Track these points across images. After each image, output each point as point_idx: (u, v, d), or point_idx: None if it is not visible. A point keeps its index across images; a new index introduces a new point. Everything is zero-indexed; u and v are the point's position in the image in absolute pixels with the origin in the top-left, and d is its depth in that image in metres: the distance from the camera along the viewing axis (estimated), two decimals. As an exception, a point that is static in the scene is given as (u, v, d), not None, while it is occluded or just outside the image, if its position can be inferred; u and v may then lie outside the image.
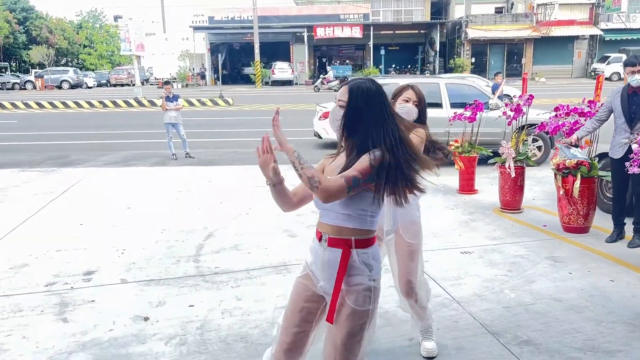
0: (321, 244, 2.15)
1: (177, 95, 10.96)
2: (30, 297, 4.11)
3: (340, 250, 2.10)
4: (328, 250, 2.13)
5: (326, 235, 2.13)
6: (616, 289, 4.09)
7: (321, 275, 2.17)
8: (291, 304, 2.25)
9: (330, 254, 2.12)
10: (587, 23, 38.27)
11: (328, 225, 2.13)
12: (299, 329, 2.21)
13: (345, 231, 2.10)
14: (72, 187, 8.08)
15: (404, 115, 3.01)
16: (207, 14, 39.62)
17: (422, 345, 3.23)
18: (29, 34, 51.38)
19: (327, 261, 2.13)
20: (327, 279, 2.14)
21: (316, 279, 2.19)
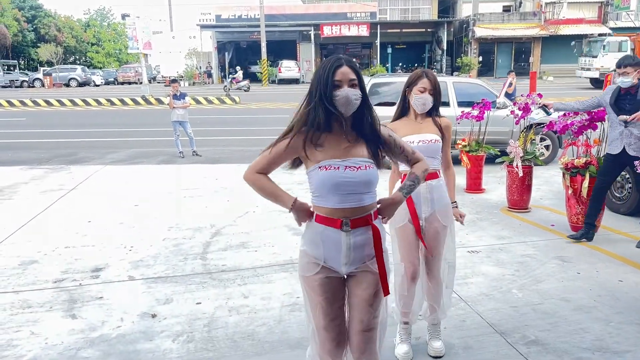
0: (343, 229, 2.14)
1: (184, 94, 10.99)
2: (39, 294, 4.14)
3: (366, 228, 2.17)
4: (351, 234, 2.15)
5: (347, 220, 2.14)
6: (625, 289, 4.06)
7: (343, 261, 2.18)
8: (323, 303, 2.21)
9: (354, 236, 2.16)
10: (595, 22, 37.99)
11: (349, 209, 2.14)
12: (340, 320, 2.25)
13: (366, 209, 2.17)
14: (80, 184, 8.13)
15: (420, 106, 3.05)
16: (214, 12, 39.68)
17: (429, 344, 3.23)
18: (37, 32, 51.68)
19: (352, 244, 2.16)
20: (351, 262, 2.19)
21: (337, 267, 2.20)
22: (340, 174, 2.10)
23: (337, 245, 2.16)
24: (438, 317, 3.25)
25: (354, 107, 2.11)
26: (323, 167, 2.12)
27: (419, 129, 3.07)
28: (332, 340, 2.24)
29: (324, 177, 2.11)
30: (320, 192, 2.16)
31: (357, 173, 2.11)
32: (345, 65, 2.11)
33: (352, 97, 2.09)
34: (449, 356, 3.16)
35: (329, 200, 2.15)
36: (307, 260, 2.23)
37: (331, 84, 2.09)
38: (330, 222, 2.16)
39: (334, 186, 2.11)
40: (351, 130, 2.17)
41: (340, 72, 2.10)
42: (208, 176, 8.67)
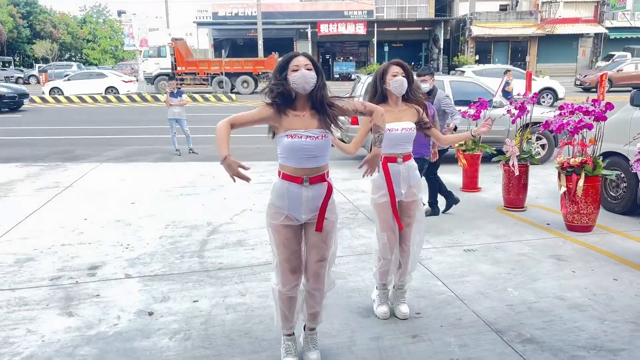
0: (303, 185, 2.74)
1: (181, 91, 10.98)
2: (35, 291, 4.13)
3: (321, 184, 2.77)
4: (310, 188, 2.75)
5: (307, 177, 2.73)
6: (620, 287, 4.09)
7: (303, 210, 2.79)
8: (285, 242, 2.83)
9: (312, 190, 2.76)
10: (591, 21, 38.10)
11: (308, 169, 2.73)
12: (297, 255, 2.88)
13: (321, 169, 2.77)
14: (76, 181, 8.11)
15: (397, 89, 3.45)
16: (211, 10, 39.54)
17: (397, 309, 3.65)
18: (33, 28, 51.41)
19: (311, 197, 2.77)
20: (309, 211, 2.80)
21: (297, 216, 2.80)
22: (302, 141, 2.68)
23: (298, 197, 2.76)
24: (405, 281, 3.68)
25: (311, 85, 2.68)
26: (290, 135, 2.69)
27: (400, 117, 3.50)
28: (292, 269, 2.87)
29: (291, 143, 2.69)
30: (286, 154, 2.74)
31: (315, 141, 2.70)
32: (301, 55, 2.73)
33: (308, 77, 2.66)
34: (445, 354, 3.18)
35: (292, 161, 2.73)
36: (274, 210, 2.83)
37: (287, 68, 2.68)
38: (293, 179, 2.75)
39: (297, 151, 2.69)
40: (309, 106, 2.74)
41: (297, 59, 2.69)
42: (205, 174, 8.66)
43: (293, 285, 2.89)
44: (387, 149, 3.45)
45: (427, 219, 5.89)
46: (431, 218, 6.02)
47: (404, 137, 3.47)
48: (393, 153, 3.48)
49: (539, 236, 5.39)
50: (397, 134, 3.44)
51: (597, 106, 5.43)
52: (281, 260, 2.87)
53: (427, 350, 3.23)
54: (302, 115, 2.73)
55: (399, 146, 3.48)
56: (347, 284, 4.21)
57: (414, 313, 3.71)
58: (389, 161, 3.48)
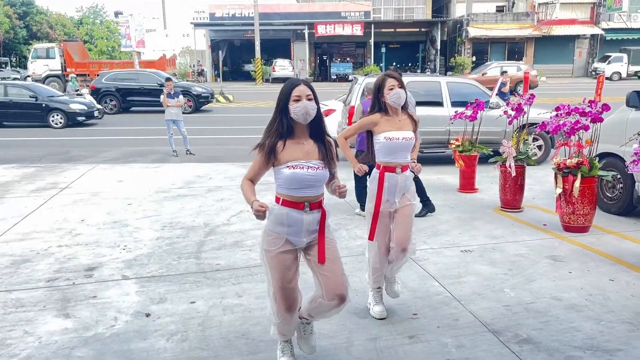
0: (304, 210, 2.75)
1: (178, 92, 10.96)
2: (32, 293, 4.12)
3: (319, 210, 2.80)
4: (310, 213, 2.77)
5: (307, 204, 2.75)
6: (615, 288, 4.11)
7: (304, 234, 2.79)
8: (281, 271, 2.77)
9: (312, 215, 2.78)
10: (588, 22, 38.21)
11: (310, 196, 2.75)
12: (293, 284, 2.82)
13: (319, 196, 2.81)
14: (72, 183, 8.10)
15: (397, 101, 3.51)
16: (208, 11, 39.54)
17: (389, 288, 3.73)
18: (30, 29, 51.25)
19: (311, 221, 2.78)
20: (308, 234, 2.80)
21: (297, 241, 2.79)
22: (304, 172, 2.70)
23: (299, 223, 2.76)
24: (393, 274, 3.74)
25: (311, 116, 2.70)
26: (291, 167, 2.70)
27: (400, 126, 3.56)
28: (287, 298, 2.81)
29: (292, 174, 2.69)
30: (286, 184, 2.73)
31: (316, 172, 2.73)
32: (303, 85, 2.72)
33: (309, 109, 2.68)
34: (442, 354, 3.18)
35: (291, 191, 2.73)
36: (273, 237, 2.79)
37: (290, 97, 2.68)
38: (294, 205, 2.75)
39: (300, 181, 2.70)
40: (308, 137, 2.77)
41: (299, 89, 2.69)
42: (202, 175, 8.66)
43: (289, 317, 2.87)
44: (387, 157, 3.51)
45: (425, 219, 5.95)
46: (427, 218, 6.04)
47: (403, 146, 3.52)
48: (392, 162, 3.52)
49: (536, 237, 5.41)
50: (397, 142, 3.49)
51: (593, 107, 5.45)
52: (277, 289, 2.81)
53: (423, 351, 3.24)
54: (302, 144, 2.75)
55: (399, 155, 3.52)
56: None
57: (411, 314, 3.72)
58: (387, 171, 3.52)
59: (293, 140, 2.74)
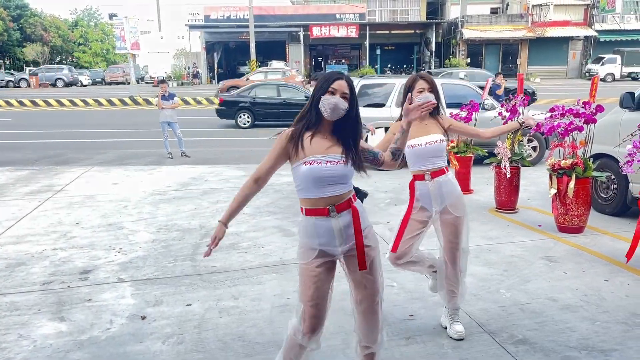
0: (331, 215, 2.44)
1: (173, 94, 10.96)
2: (27, 296, 4.10)
3: (348, 210, 2.47)
4: (339, 216, 2.46)
5: (333, 207, 2.44)
6: (610, 288, 4.12)
7: (337, 242, 2.48)
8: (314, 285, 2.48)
9: (342, 219, 2.46)
10: (581, 24, 38.45)
11: (332, 197, 2.44)
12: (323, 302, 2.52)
13: (346, 195, 2.48)
14: (67, 185, 8.07)
15: None
16: (203, 13, 39.51)
17: (451, 328, 3.40)
18: (23, 31, 51.07)
19: (342, 226, 2.47)
20: (344, 241, 2.49)
21: (333, 250, 2.49)
22: (322, 167, 2.40)
23: (329, 230, 2.46)
24: (457, 303, 3.44)
25: (339, 115, 2.42)
26: (308, 162, 2.41)
27: (425, 131, 3.31)
28: (316, 317, 2.51)
29: (308, 170, 2.40)
30: (305, 184, 2.44)
31: (336, 166, 2.42)
32: (344, 80, 2.45)
33: (340, 106, 2.40)
34: (438, 355, 3.19)
35: (311, 192, 2.44)
36: (305, 249, 2.51)
37: (326, 88, 2.42)
38: (317, 212, 2.45)
39: (318, 179, 2.40)
40: (332, 134, 2.48)
41: (338, 83, 2.43)
42: (197, 177, 8.65)
43: (313, 337, 2.53)
44: (415, 166, 3.32)
45: None
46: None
47: (429, 151, 3.27)
48: (420, 170, 3.32)
49: (531, 238, 5.42)
50: (421, 149, 3.27)
51: (587, 108, 5.48)
52: (307, 304, 2.50)
53: (420, 352, 3.24)
54: (325, 139, 2.48)
55: (427, 162, 3.29)
56: (340, 286, 4.21)
57: (407, 315, 3.72)
58: (417, 179, 3.33)
59: (319, 134, 2.47)
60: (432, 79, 3.32)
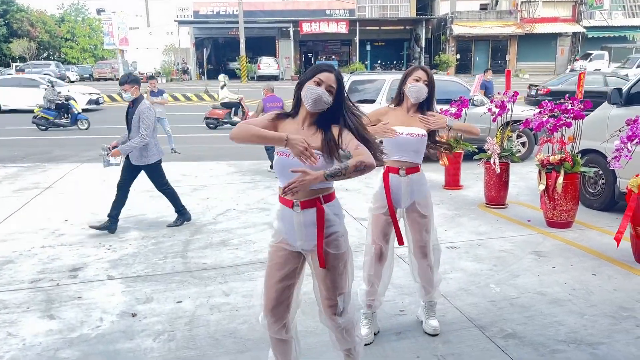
0: (294, 209, 2.39)
1: (162, 90, 10.90)
2: (15, 294, 4.07)
3: (314, 209, 2.39)
4: (302, 213, 2.39)
5: (297, 201, 2.38)
6: (598, 282, 4.17)
7: (297, 237, 2.44)
8: (272, 266, 2.51)
9: (304, 216, 2.40)
10: (570, 20, 38.70)
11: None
12: (282, 285, 2.49)
13: (314, 192, 2.38)
14: (55, 183, 8.00)
15: (414, 94, 3.19)
16: (192, 8, 39.27)
17: (426, 322, 3.42)
18: (10, 26, 50.41)
19: (302, 223, 2.41)
20: (304, 238, 2.44)
21: (292, 242, 2.47)
22: (289, 160, 2.31)
23: (290, 222, 2.43)
24: (433, 297, 3.45)
25: (320, 107, 2.36)
26: (278, 153, 2.37)
27: (409, 122, 3.23)
28: (272, 299, 2.49)
29: (277, 161, 2.38)
30: (276, 172, 2.43)
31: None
32: (333, 74, 2.37)
33: (323, 98, 2.33)
34: (429, 350, 3.21)
35: (281, 180, 2.41)
36: (274, 230, 2.54)
37: (311, 77, 2.36)
38: (285, 202, 2.43)
39: (283, 169, 2.35)
40: (314, 126, 2.40)
41: (326, 75, 2.36)
42: (187, 174, 8.60)
43: (272, 322, 2.51)
44: (391, 155, 3.15)
45: None
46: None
47: (408, 143, 3.16)
48: (396, 161, 3.20)
49: (520, 233, 5.47)
50: (400, 138, 3.15)
51: (575, 105, 5.52)
52: (265, 287, 2.53)
53: (410, 347, 3.26)
54: (302, 129, 2.40)
55: (404, 154, 3.19)
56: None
57: (398, 310, 3.74)
58: (391, 171, 3.22)
59: (298, 123, 2.43)
60: (432, 75, 3.25)
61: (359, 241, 4.91)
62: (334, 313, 2.52)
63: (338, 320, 2.53)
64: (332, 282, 2.47)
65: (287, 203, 2.41)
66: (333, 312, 2.52)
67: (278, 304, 2.49)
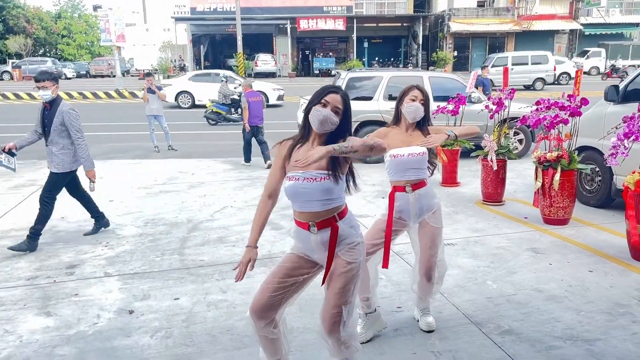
0: (311, 231, 2.45)
1: (159, 87, 10.87)
2: (12, 291, 4.06)
3: (329, 228, 2.43)
4: (319, 234, 2.45)
5: (313, 223, 2.44)
6: (595, 279, 4.18)
7: (316, 254, 2.50)
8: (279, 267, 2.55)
9: (322, 236, 2.45)
10: (567, 17, 38.72)
11: (311, 213, 2.44)
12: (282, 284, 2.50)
13: (328, 212, 2.44)
14: (52, 179, 7.96)
15: (411, 114, 3.26)
16: (189, 5, 39.15)
17: (422, 320, 3.44)
18: (6, 23, 50.20)
19: (320, 242, 2.46)
20: (322, 255, 2.49)
21: (311, 255, 2.52)
22: (299, 184, 2.39)
23: (308, 242, 2.49)
24: (427, 305, 3.49)
25: (327, 128, 2.41)
26: (288, 178, 2.45)
27: (409, 141, 3.27)
28: (263, 297, 2.50)
29: (288, 186, 2.43)
30: (288, 197, 2.47)
31: (312, 184, 2.38)
32: (339, 94, 2.43)
33: (329, 119, 2.39)
34: (426, 346, 3.22)
35: (294, 205, 2.48)
36: (294, 245, 2.60)
37: (318, 100, 2.41)
38: (300, 224, 2.49)
39: (294, 195, 2.43)
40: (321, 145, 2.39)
41: (331, 96, 2.42)
42: (184, 171, 8.60)
43: (257, 319, 2.52)
44: (395, 176, 3.26)
45: None
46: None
47: (410, 163, 3.22)
48: (400, 181, 3.25)
49: (517, 230, 5.48)
50: (403, 159, 3.20)
51: (572, 101, 5.53)
52: (264, 283, 2.55)
53: (407, 343, 3.27)
54: (311, 148, 2.41)
55: (408, 173, 3.23)
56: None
57: (395, 307, 3.74)
58: (397, 190, 3.26)
59: (307, 147, 2.46)
60: (427, 93, 3.34)
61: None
62: (337, 323, 2.47)
63: (340, 333, 2.48)
64: (340, 290, 2.45)
65: (304, 226, 2.47)
66: (337, 322, 2.47)
67: (266, 303, 2.50)
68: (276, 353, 2.63)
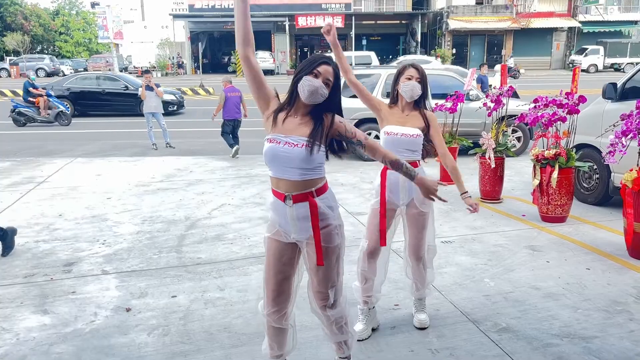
0: (286, 203, 2.38)
1: (157, 84, 10.85)
2: (9, 289, 4.05)
3: (306, 202, 2.37)
4: (294, 207, 2.38)
5: (289, 195, 2.37)
6: (592, 277, 4.19)
7: (291, 230, 2.44)
8: (270, 258, 2.52)
9: (297, 210, 2.38)
10: (565, 15, 38.73)
11: (288, 182, 2.36)
12: (281, 276, 2.50)
13: (306, 185, 2.36)
14: (50, 177, 7.96)
15: (408, 92, 3.18)
16: (187, 2, 39.06)
17: (415, 316, 3.44)
18: (3, 20, 50.05)
19: (295, 216, 2.40)
20: (298, 231, 2.43)
21: (287, 233, 2.46)
22: (279, 147, 2.32)
23: (284, 214, 2.42)
24: (423, 294, 3.47)
25: (316, 100, 2.34)
26: (268, 140, 2.36)
27: (404, 121, 3.21)
28: (272, 291, 2.51)
29: (267, 149, 2.35)
30: (266, 161, 2.39)
31: (293, 149, 2.30)
32: (331, 66, 2.36)
33: (319, 90, 2.32)
34: (423, 344, 3.22)
35: (271, 170, 2.40)
36: (270, 221, 2.53)
37: (310, 70, 2.33)
38: (277, 194, 2.42)
39: (273, 158, 2.34)
40: (307, 116, 2.38)
41: (324, 67, 2.34)
42: (182, 168, 8.59)
43: (272, 312, 2.52)
44: None
45: None
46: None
47: (403, 143, 3.15)
48: None
49: (515, 227, 5.48)
50: (395, 138, 3.16)
51: (570, 99, 5.53)
52: (264, 279, 2.55)
53: (405, 341, 3.27)
54: (296, 118, 2.38)
55: (399, 153, 3.05)
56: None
57: (393, 305, 3.74)
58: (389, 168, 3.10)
59: (293, 114, 2.40)
60: (424, 71, 3.24)
61: (354, 235, 4.92)
62: (325, 305, 2.53)
63: (328, 313, 2.54)
64: (324, 274, 2.47)
65: (280, 196, 2.39)
66: (324, 305, 2.54)
67: (279, 294, 2.51)
68: (281, 347, 2.64)
